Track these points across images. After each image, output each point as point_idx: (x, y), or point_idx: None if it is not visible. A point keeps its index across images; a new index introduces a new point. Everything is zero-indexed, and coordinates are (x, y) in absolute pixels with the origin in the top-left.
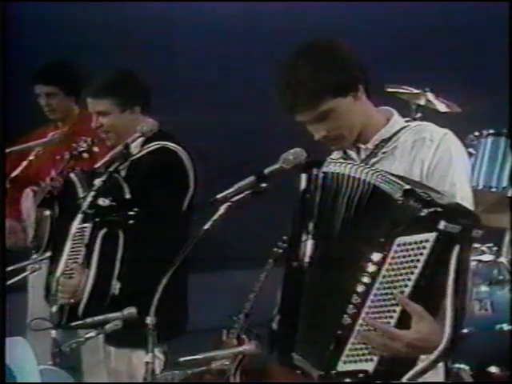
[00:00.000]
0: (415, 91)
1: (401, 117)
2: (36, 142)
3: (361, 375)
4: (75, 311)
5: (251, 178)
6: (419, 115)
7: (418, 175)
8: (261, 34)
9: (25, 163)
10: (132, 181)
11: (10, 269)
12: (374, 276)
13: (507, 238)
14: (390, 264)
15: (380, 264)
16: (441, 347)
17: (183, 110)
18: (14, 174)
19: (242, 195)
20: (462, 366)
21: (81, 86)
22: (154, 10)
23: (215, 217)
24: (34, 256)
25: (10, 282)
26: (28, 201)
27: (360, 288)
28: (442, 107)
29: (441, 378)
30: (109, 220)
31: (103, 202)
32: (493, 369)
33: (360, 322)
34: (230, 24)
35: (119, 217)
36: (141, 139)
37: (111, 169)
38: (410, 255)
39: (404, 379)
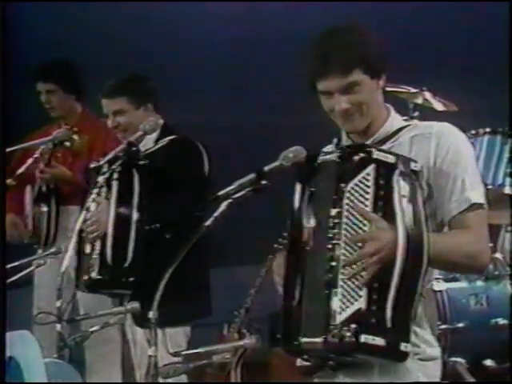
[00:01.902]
0: (413, 90)
1: (398, 114)
2: (41, 139)
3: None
4: (104, 261)
5: (251, 176)
6: (416, 114)
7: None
8: (260, 34)
9: (30, 161)
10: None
11: (14, 264)
12: (338, 224)
13: (502, 234)
14: (348, 210)
15: (339, 215)
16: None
17: (183, 110)
18: (20, 171)
19: (242, 192)
20: (459, 359)
21: (81, 84)
22: (154, 9)
23: (216, 213)
24: (39, 251)
25: (15, 278)
26: (28, 196)
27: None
28: (439, 106)
29: (439, 370)
30: (121, 160)
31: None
32: (488, 362)
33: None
34: (230, 24)
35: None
36: (154, 135)
37: (114, 166)
38: (359, 193)
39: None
